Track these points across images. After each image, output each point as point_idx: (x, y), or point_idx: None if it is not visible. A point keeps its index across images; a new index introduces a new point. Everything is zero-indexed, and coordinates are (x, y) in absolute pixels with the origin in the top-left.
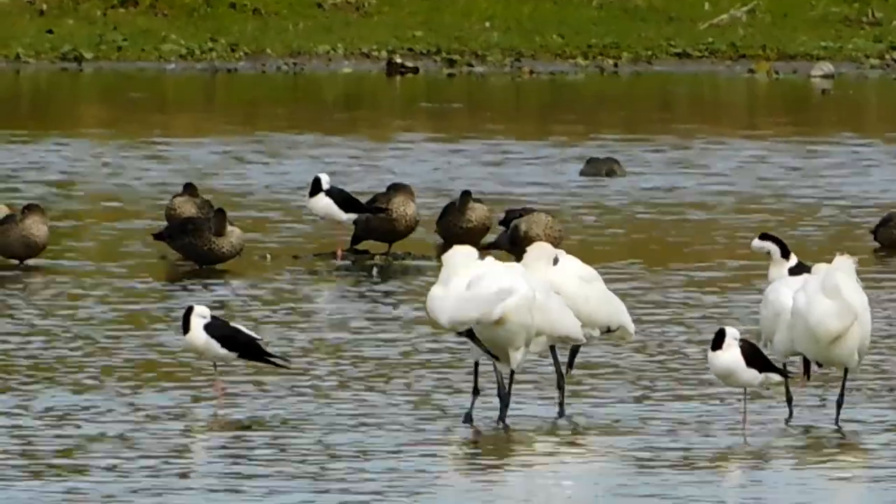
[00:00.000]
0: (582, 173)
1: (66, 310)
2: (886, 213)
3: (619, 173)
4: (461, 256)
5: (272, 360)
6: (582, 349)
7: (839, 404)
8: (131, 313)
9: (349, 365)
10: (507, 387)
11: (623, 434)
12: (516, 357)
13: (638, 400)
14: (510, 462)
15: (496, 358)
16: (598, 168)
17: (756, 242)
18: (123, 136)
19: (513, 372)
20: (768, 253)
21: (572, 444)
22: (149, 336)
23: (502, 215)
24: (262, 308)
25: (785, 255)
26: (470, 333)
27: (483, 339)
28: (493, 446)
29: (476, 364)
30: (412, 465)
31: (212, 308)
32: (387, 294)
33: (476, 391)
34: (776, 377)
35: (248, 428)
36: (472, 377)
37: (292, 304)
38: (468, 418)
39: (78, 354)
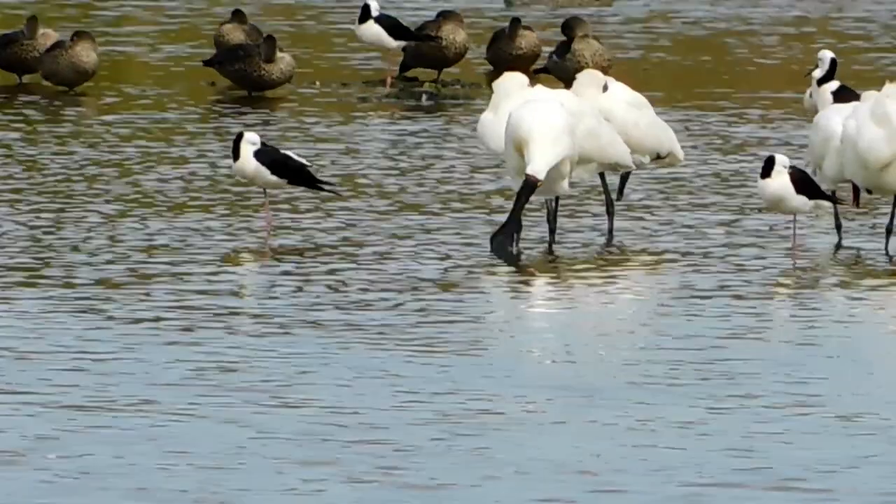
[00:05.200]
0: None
1: (118, 131)
2: None
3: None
4: (512, 83)
5: (322, 186)
6: (632, 175)
7: (889, 231)
8: (173, 131)
9: (396, 191)
10: (554, 213)
11: (670, 260)
12: (563, 184)
13: (684, 228)
14: (557, 287)
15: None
16: None
17: (822, 52)
18: None
19: (558, 198)
20: (816, 67)
21: (620, 269)
22: (197, 164)
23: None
24: (310, 134)
25: (828, 76)
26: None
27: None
28: (539, 273)
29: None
30: (448, 295)
31: (261, 134)
32: (436, 120)
33: (519, 225)
34: (826, 204)
35: (301, 253)
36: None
37: (341, 131)
38: (513, 246)
39: (121, 178)
